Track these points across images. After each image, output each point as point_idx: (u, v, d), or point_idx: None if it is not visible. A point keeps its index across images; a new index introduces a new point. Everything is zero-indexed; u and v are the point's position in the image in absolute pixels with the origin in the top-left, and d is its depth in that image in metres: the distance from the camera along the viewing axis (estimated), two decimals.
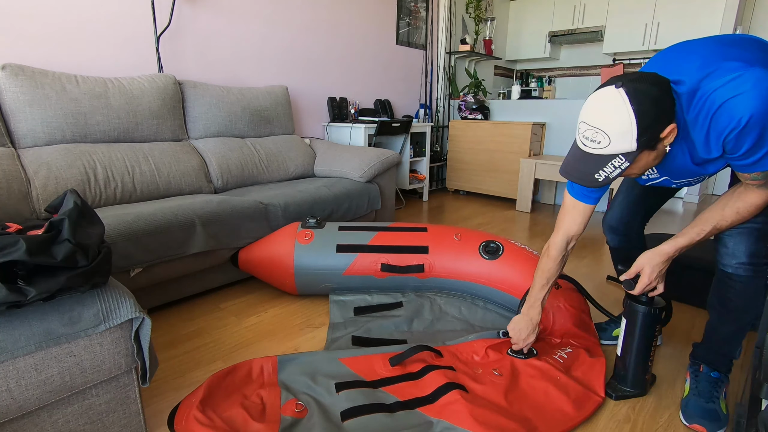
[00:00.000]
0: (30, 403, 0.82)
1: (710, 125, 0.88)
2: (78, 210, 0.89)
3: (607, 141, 0.88)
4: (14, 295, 0.75)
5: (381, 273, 1.72)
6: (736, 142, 0.87)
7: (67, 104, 1.83)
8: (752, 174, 0.94)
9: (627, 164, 0.89)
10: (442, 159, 4.42)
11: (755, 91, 0.81)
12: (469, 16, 4.52)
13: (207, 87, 2.38)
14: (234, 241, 1.80)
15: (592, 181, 0.92)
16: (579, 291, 1.51)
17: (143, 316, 0.93)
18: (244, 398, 1.15)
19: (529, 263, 1.60)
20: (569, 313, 1.44)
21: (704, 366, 1.21)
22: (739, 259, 1.07)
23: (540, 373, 1.24)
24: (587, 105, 0.92)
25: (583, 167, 0.93)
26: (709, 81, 0.86)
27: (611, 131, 0.87)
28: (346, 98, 3.39)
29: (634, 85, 0.86)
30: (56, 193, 1.69)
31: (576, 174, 0.95)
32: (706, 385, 1.17)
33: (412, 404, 1.15)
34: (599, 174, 0.91)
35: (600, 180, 0.91)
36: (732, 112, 0.83)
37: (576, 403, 1.15)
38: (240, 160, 2.35)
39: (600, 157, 0.91)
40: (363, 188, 2.38)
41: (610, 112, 0.86)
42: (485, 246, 1.68)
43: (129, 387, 0.98)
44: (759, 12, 3.94)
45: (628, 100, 0.85)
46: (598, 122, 0.88)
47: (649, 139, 0.87)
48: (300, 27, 3.04)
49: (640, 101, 0.85)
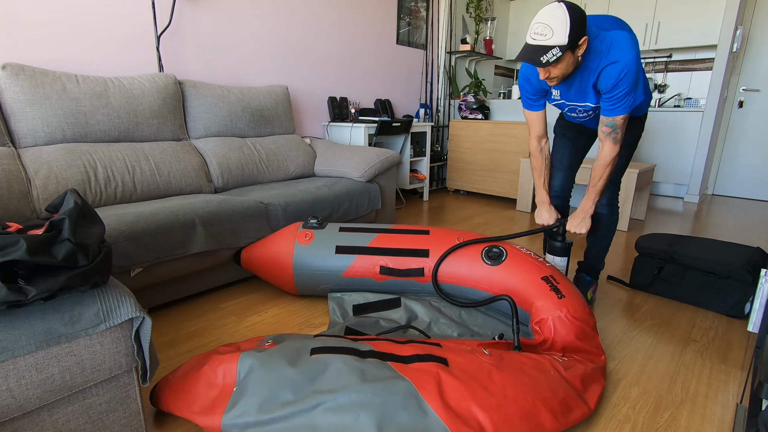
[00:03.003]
0: (30, 403, 0.82)
1: (601, 71, 1.36)
2: (78, 209, 0.90)
3: (550, 33, 1.27)
4: (15, 295, 0.75)
5: (380, 276, 1.70)
6: (613, 86, 1.35)
7: (68, 104, 1.83)
8: (608, 119, 1.42)
9: (560, 53, 1.27)
10: (442, 159, 4.42)
11: (633, 53, 1.30)
12: (470, 16, 4.52)
13: (207, 87, 2.38)
14: (234, 240, 1.80)
15: (538, 62, 1.30)
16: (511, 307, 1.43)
17: (143, 315, 0.93)
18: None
19: (533, 270, 1.52)
20: (573, 325, 1.35)
21: (583, 273, 1.88)
22: (602, 201, 1.71)
23: (534, 363, 1.17)
24: (540, 12, 1.31)
25: (532, 54, 1.30)
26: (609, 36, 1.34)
27: (554, 26, 1.26)
28: (346, 98, 3.39)
29: (569, 4, 1.28)
30: (56, 193, 1.70)
31: (527, 57, 1.31)
32: (584, 284, 1.85)
33: (386, 357, 1.11)
34: (543, 57, 1.29)
35: (543, 61, 1.29)
36: (620, 66, 1.31)
37: (563, 405, 1.08)
38: (240, 159, 2.36)
39: (544, 47, 1.29)
40: (363, 188, 2.38)
41: (554, 14, 1.27)
42: (488, 251, 1.64)
43: (129, 386, 0.98)
44: (759, 12, 3.94)
45: (566, 9, 1.26)
46: (546, 20, 1.28)
47: (573, 40, 1.27)
48: (300, 27, 3.04)
49: (573, 12, 1.27)
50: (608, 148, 1.48)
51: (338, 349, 1.12)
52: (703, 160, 3.91)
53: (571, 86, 1.49)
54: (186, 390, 1.07)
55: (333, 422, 0.95)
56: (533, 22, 1.32)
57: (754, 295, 1.64)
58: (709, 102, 3.79)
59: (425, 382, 1.02)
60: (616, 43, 1.31)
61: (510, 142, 3.69)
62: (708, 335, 1.61)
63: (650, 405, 1.21)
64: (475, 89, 4.30)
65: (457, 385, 1.03)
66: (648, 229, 3.03)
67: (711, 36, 3.84)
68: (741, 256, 1.79)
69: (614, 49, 1.32)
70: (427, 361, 1.10)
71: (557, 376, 1.15)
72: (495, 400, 1.01)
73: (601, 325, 1.68)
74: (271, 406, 0.97)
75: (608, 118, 1.43)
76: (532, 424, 1.01)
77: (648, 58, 4.48)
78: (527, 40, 1.33)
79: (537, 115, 1.64)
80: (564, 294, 1.42)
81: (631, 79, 1.32)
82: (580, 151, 1.80)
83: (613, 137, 1.46)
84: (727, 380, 1.33)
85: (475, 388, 1.03)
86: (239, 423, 0.96)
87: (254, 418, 0.96)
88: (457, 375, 1.05)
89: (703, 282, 1.81)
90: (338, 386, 1.00)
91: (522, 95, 1.63)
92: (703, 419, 1.16)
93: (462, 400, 1.00)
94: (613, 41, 1.32)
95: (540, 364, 1.16)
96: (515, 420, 1.00)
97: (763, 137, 4.06)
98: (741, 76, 4.11)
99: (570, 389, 1.13)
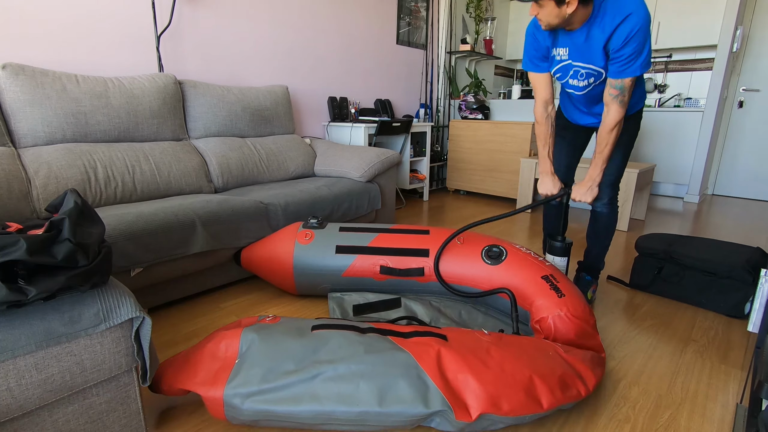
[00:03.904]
0: (30, 403, 0.82)
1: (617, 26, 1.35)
2: (78, 209, 0.90)
3: None
4: (15, 295, 0.75)
5: (380, 276, 1.70)
6: (624, 44, 1.35)
7: (68, 104, 1.83)
8: (617, 81, 1.42)
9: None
10: (442, 159, 4.42)
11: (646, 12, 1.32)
12: (470, 16, 4.52)
13: (207, 87, 2.38)
14: (234, 240, 1.80)
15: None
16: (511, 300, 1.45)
17: (143, 315, 0.93)
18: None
19: (533, 269, 1.52)
20: (573, 324, 1.34)
21: (583, 273, 1.89)
22: (602, 201, 1.70)
23: (533, 343, 1.16)
24: None
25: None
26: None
27: None
28: (346, 98, 3.39)
29: None
30: (56, 193, 1.70)
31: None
32: (584, 283, 1.86)
33: (386, 332, 1.14)
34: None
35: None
36: (633, 20, 1.32)
37: (561, 382, 1.06)
38: (240, 159, 2.36)
39: None
40: (363, 188, 2.38)
41: None
42: (488, 250, 1.65)
43: (129, 386, 0.98)
44: (759, 12, 3.93)
45: None
46: None
47: None
48: (300, 26, 3.04)
49: None
50: (614, 111, 1.47)
51: (339, 326, 1.15)
52: (703, 160, 3.91)
53: (577, 44, 1.47)
54: (189, 364, 1.09)
55: (333, 391, 0.97)
56: None
57: (754, 295, 1.64)
58: (709, 102, 3.79)
59: (424, 353, 1.04)
60: (631, 3, 1.32)
61: (510, 142, 3.69)
62: (708, 335, 1.61)
63: (650, 405, 1.21)
64: (475, 89, 4.30)
65: (456, 357, 1.04)
66: (648, 229, 3.03)
67: (711, 36, 3.84)
68: (741, 256, 1.79)
69: (628, 6, 1.32)
70: (426, 336, 1.12)
71: (556, 356, 1.15)
72: (492, 373, 1.02)
73: (601, 325, 1.68)
74: (273, 376, 1.00)
75: (617, 80, 1.42)
76: (529, 397, 1.02)
77: None
78: None
79: (543, 78, 1.61)
80: (564, 293, 1.42)
81: (643, 35, 1.33)
82: (578, 150, 1.81)
83: (620, 100, 1.44)
84: (727, 380, 1.33)
85: (473, 361, 1.04)
86: (241, 392, 0.98)
87: (256, 387, 0.98)
88: (456, 348, 1.07)
89: (703, 282, 1.81)
90: (338, 357, 1.03)
91: (526, 55, 1.61)
92: (703, 419, 1.16)
93: (459, 371, 1.02)
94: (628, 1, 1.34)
95: (539, 344, 1.18)
96: (512, 392, 1.01)
97: (763, 137, 4.06)
98: (741, 76, 4.11)
99: (569, 369, 1.13)
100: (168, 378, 1.09)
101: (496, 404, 0.99)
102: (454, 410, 0.97)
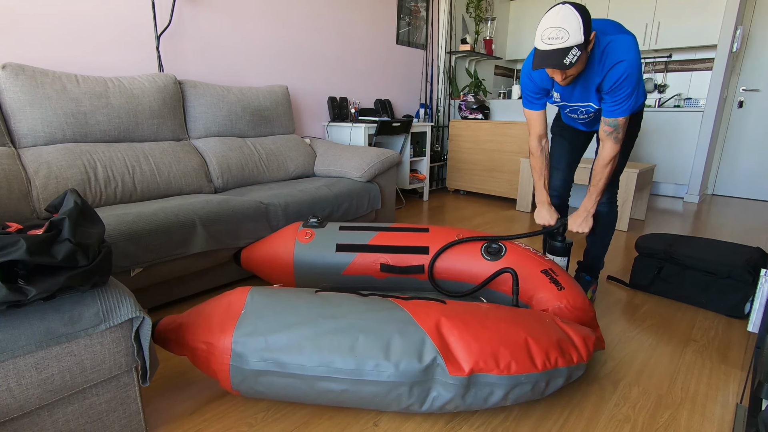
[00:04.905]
0: (30, 403, 0.82)
1: (607, 71, 1.39)
2: (78, 209, 0.90)
3: (566, 35, 1.28)
4: (14, 295, 0.75)
5: (380, 273, 1.71)
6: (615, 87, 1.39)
7: (68, 104, 1.83)
8: (610, 120, 1.45)
9: (579, 53, 1.29)
10: (442, 159, 4.42)
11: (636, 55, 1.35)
12: (470, 16, 4.52)
13: (207, 86, 2.38)
14: (234, 240, 1.80)
15: (562, 65, 1.29)
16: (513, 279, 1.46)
17: (143, 315, 0.93)
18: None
19: (532, 265, 1.54)
20: (573, 316, 1.38)
21: (583, 273, 1.91)
22: (601, 200, 1.72)
23: (531, 312, 1.20)
24: (548, 17, 1.31)
25: (554, 59, 1.30)
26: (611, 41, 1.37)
27: (568, 27, 1.27)
28: (346, 98, 3.39)
29: (574, 4, 1.31)
30: (56, 193, 1.70)
31: (549, 62, 1.30)
32: (584, 283, 1.88)
33: (386, 295, 1.22)
34: (566, 59, 1.29)
35: (567, 63, 1.29)
36: (624, 66, 1.35)
37: (556, 346, 1.10)
38: (240, 159, 2.35)
39: (564, 50, 1.29)
40: (363, 188, 2.38)
41: (565, 16, 1.28)
42: (487, 247, 1.66)
43: (129, 386, 0.98)
44: (759, 12, 3.94)
45: (574, 9, 1.29)
46: (558, 23, 1.28)
47: (586, 36, 1.29)
48: (300, 27, 3.04)
49: (581, 11, 1.29)
50: (609, 148, 1.51)
51: (341, 290, 1.24)
52: (703, 160, 3.91)
53: (573, 87, 1.51)
54: (196, 318, 1.13)
55: (334, 342, 1.04)
56: (544, 27, 1.32)
57: (754, 295, 1.64)
58: (709, 102, 3.79)
59: (423, 313, 1.10)
60: (623, 45, 1.36)
61: (510, 142, 3.69)
62: (708, 335, 1.61)
63: (650, 405, 1.21)
64: (475, 89, 4.30)
65: (453, 317, 1.10)
66: (648, 229, 3.03)
67: (711, 36, 3.84)
68: (741, 256, 1.79)
69: (620, 50, 1.36)
70: (426, 299, 1.19)
71: (553, 324, 1.19)
72: (488, 332, 1.07)
73: (601, 325, 1.68)
74: (277, 326, 1.06)
75: (610, 119, 1.46)
76: (523, 355, 1.06)
77: (648, 58, 4.48)
78: (540, 46, 1.33)
79: (538, 115, 1.66)
80: (564, 286, 1.45)
81: (633, 81, 1.37)
82: (578, 149, 1.81)
83: (614, 137, 1.49)
84: (727, 380, 1.33)
85: (471, 321, 1.10)
86: (248, 341, 1.04)
87: (261, 335, 1.05)
88: (454, 310, 1.12)
89: (703, 282, 1.81)
90: (340, 313, 1.10)
91: (523, 94, 1.64)
92: (703, 419, 1.16)
93: (455, 328, 1.07)
94: (619, 43, 1.36)
95: (537, 313, 1.22)
96: (506, 351, 1.05)
97: (763, 137, 4.06)
98: (741, 76, 4.11)
99: (564, 336, 1.16)
100: (174, 332, 1.13)
101: (488, 361, 1.03)
102: (447, 364, 1.02)
